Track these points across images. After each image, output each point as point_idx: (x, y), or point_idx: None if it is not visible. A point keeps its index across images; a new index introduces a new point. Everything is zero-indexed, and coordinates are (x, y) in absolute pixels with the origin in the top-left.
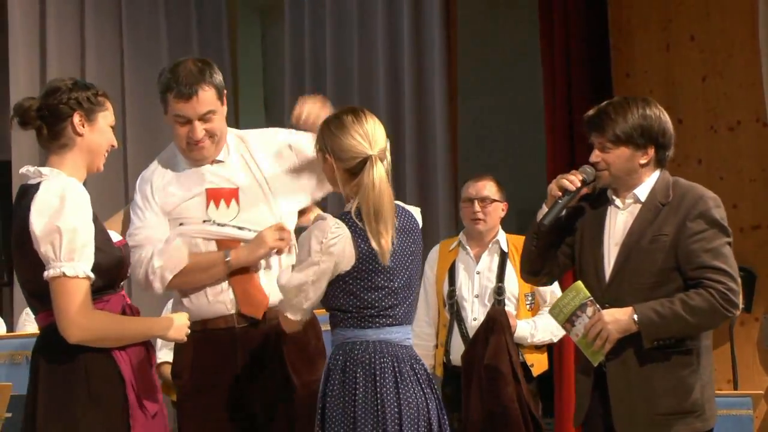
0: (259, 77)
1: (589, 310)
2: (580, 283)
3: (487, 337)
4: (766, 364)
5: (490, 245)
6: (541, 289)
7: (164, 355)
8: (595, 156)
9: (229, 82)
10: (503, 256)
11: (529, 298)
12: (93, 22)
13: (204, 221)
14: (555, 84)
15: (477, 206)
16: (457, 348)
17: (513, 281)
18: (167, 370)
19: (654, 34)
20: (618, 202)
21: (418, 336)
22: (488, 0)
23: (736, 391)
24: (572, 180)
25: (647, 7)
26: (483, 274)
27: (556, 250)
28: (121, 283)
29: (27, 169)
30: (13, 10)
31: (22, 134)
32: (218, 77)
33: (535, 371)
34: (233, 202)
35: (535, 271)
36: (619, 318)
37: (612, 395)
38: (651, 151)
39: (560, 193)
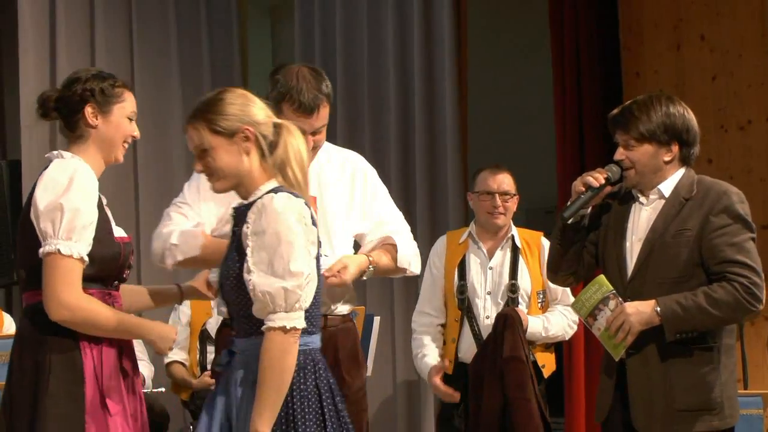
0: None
1: (612, 303)
2: (602, 276)
3: (502, 332)
4: None
5: (503, 241)
6: (552, 286)
7: (175, 354)
8: (620, 154)
9: (239, 81)
10: (515, 252)
11: (541, 296)
12: (103, 22)
13: None
14: (565, 83)
15: (498, 200)
16: (467, 345)
17: (526, 278)
18: (179, 370)
19: (664, 34)
20: (642, 198)
21: (423, 325)
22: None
23: (745, 391)
24: (596, 177)
25: (658, 7)
26: (496, 270)
27: (581, 248)
28: (115, 282)
29: (51, 153)
30: (22, 10)
31: (33, 134)
32: (330, 87)
33: (546, 372)
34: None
35: (561, 269)
36: (641, 310)
37: (631, 390)
38: (675, 148)
39: (584, 189)
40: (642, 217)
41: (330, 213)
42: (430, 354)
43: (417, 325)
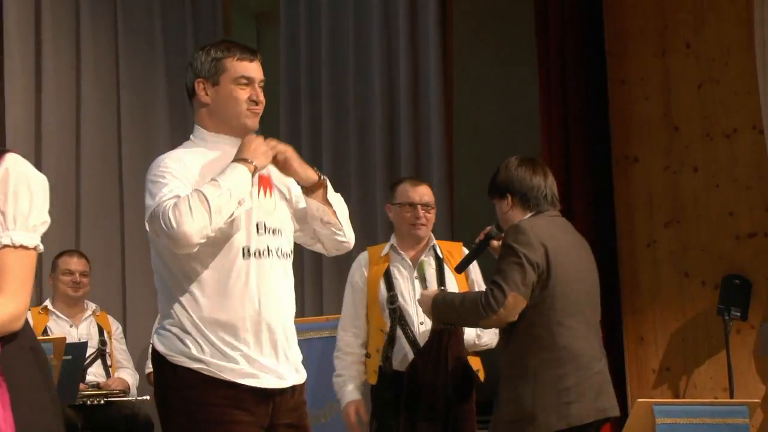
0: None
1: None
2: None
3: (442, 340)
4: (763, 372)
5: (425, 250)
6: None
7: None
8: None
9: None
10: (439, 261)
11: None
12: (88, 28)
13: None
14: (551, 91)
15: (420, 212)
16: (403, 353)
17: (453, 284)
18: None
19: (650, 41)
20: None
21: (348, 345)
22: (484, 8)
23: (732, 400)
24: (481, 235)
25: (643, 14)
26: (421, 279)
27: None
28: None
29: None
30: (8, 15)
31: (17, 143)
32: None
33: (481, 376)
34: (269, 192)
35: None
36: (426, 294)
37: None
38: (509, 199)
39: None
40: None
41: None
42: (350, 383)
43: (343, 344)
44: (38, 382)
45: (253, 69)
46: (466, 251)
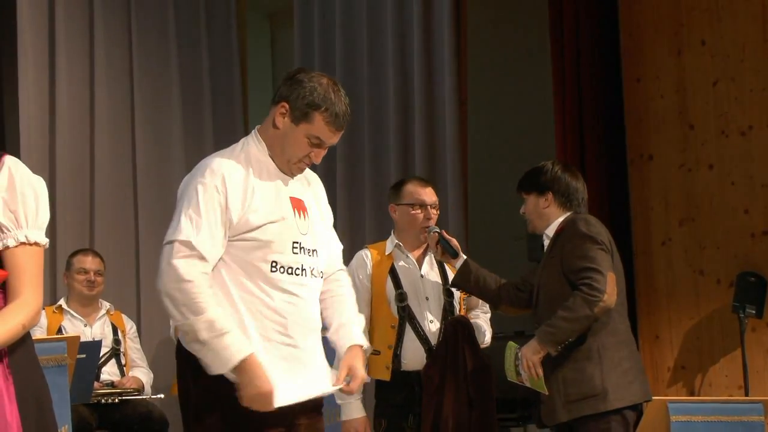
0: (268, 82)
1: (520, 355)
2: (510, 342)
3: (457, 338)
4: None
5: (428, 249)
6: None
7: None
8: (522, 209)
9: (239, 87)
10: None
11: (465, 300)
12: (102, 26)
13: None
14: (565, 89)
15: (431, 212)
16: (413, 351)
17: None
18: None
19: (665, 39)
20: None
21: None
22: (498, 5)
23: (747, 398)
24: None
25: (658, 12)
26: (428, 276)
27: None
28: None
29: None
30: (21, 13)
31: (31, 140)
32: None
33: None
34: (304, 214)
35: (498, 306)
36: (531, 345)
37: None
38: (549, 196)
39: None
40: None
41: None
42: (356, 397)
43: None
44: (40, 378)
45: (331, 138)
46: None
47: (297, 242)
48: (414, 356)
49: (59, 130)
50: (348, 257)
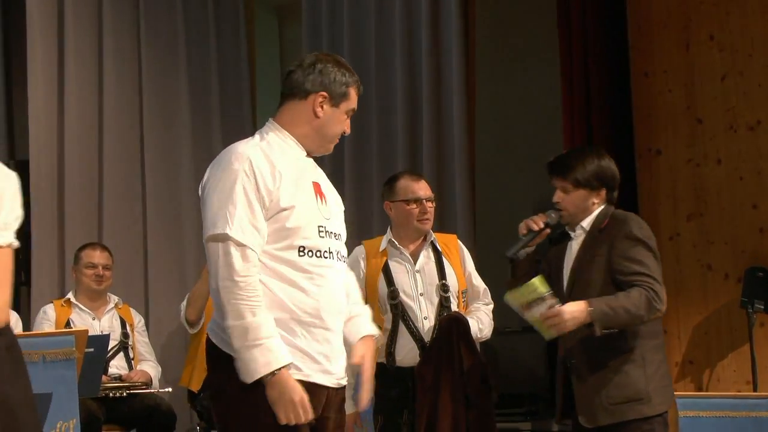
0: (276, 76)
1: (547, 304)
2: (540, 278)
3: (451, 336)
4: None
5: (425, 244)
6: (475, 283)
7: None
8: (557, 197)
9: (247, 81)
10: (438, 254)
11: (464, 296)
12: (111, 21)
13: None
14: (573, 83)
15: (427, 206)
16: (407, 349)
17: (452, 278)
18: None
19: (673, 33)
20: (572, 233)
21: None
22: (506, 0)
23: (755, 393)
24: (537, 221)
25: (666, 7)
26: (423, 272)
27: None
28: None
29: None
30: (31, 13)
31: (40, 134)
32: None
33: None
34: (324, 199)
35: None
36: (576, 315)
37: (576, 393)
38: (603, 193)
39: (525, 232)
40: (572, 250)
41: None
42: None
43: None
44: (12, 380)
45: (356, 101)
46: (461, 243)
47: (322, 226)
48: (408, 354)
49: (68, 125)
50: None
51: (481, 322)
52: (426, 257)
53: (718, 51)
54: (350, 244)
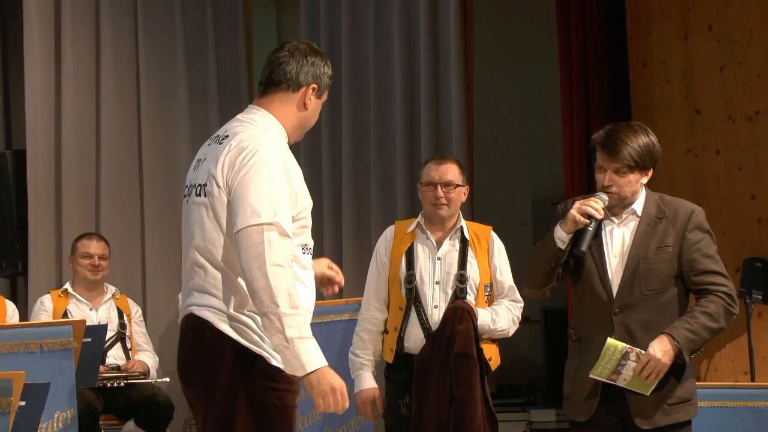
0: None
1: (633, 356)
2: (611, 339)
3: (454, 326)
4: None
5: (452, 232)
6: (500, 279)
7: None
8: (610, 179)
9: (245, 70)
10: (464, 243)
11: (488, 290)
12: (108, 7)
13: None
14: (572, 74)
15: (440, 191)
16: (414, 334)
17: (475, 270)
18: None
19: (672, 24)
20: (613, 217)
21: (370, 321)
22: None
23: (753, 383)
24: (596, 208)
25: None
26: (444, 260)
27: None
28: None
29: None
30: (28, 7)
31: (38, 125)
32: None
33: (493, 365)
34: None
35: (543, 286)
36: (665, 349)
37: (629, 393)
38: (650, 172)
39: (587, 220)
40: (616, 235)
41: None
42: (367, 370)
43: (364, 319)
44: None
45: None
46: (495, 236)
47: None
48: (415, 340)
49: (65, 115)
50: (354, 240)
51: (495, 314)
52: (450, 245)
53: (717, 41)
54: (346, 235)
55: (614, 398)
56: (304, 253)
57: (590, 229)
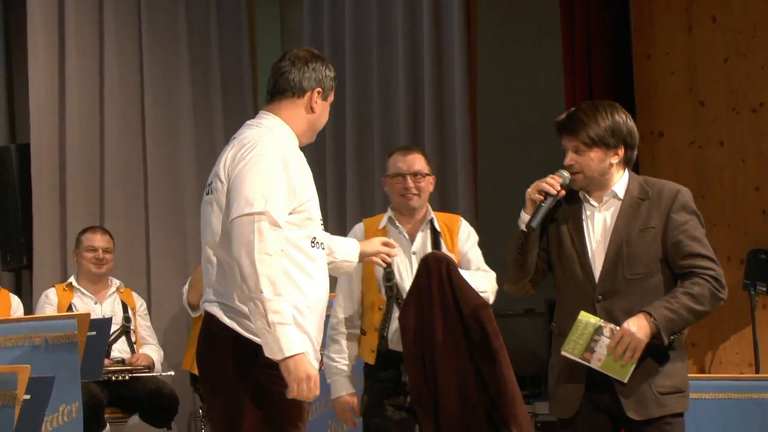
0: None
1: (607, 331)
2: (583, 312)
3: (430, 278)
4: None
5: (422, 224)
6: (471, 257)
7: None
8: (570, 159)
9: (248, 65)
10: (436, 234)
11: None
12: (111, 5)
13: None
14: (575, 66)
15: (410, 181)
16: (399, 332)
17: None
18: None
19: (676, 16)
20: (592, 200)
21: (344, 324)
22: None
23: (757, 375)
24: (552, 184)
25: None
26: (419, 254)
27: (535, 255)
28: None
29: None
30: (31, 0)
31: (42, 118)
32: None
33: None
34: None
35: (520, 279)
36: (642, 325)
37: (616, 384)
38: (621, 152)
39: (542, 197)
40: (597, 219)
41: None
42: (344, 375)
43: (337, 323)
44: None
45: None
46: (466, 224)
47: (321, 218)
48: (400, 337)
49: (69, 109)
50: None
51: (470, 276)
52: (423, 237)
53: (721, 33)
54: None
55: (601, 384)
56: (313, 246)
57: (544, 205)
